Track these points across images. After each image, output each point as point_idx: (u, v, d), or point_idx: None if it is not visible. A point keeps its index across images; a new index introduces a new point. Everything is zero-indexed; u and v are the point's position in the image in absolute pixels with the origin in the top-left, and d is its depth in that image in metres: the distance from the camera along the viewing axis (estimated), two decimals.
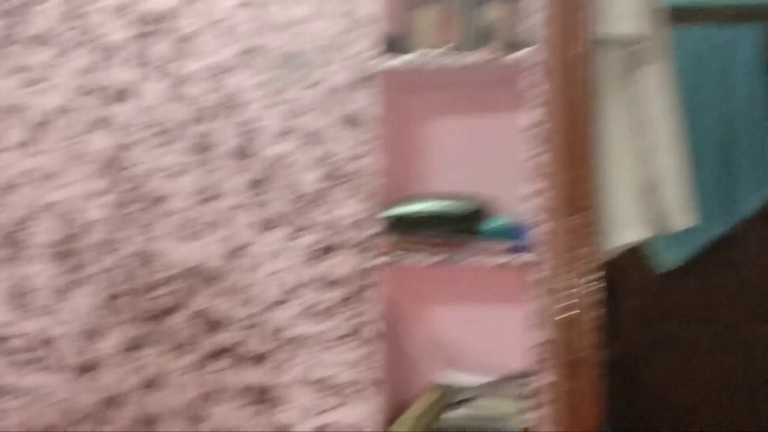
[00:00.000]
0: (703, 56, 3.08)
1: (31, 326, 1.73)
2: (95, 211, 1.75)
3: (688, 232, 2.36)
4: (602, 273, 1.78)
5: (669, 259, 3.00)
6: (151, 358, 1.70)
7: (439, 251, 1.70)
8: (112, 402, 1.67)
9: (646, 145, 1.90)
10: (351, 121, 1.75)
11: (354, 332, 1.69)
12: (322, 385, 1.69)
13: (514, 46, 1.72)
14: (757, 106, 2.98)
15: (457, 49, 1.76)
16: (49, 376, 1.71)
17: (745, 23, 3.06)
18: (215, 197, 1.74)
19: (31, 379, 1.70)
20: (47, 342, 1.72)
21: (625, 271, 3.05)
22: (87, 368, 1.71)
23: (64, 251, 1.75)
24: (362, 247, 1.71)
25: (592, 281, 1.76)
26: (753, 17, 3.07)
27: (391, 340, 1.77)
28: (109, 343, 1.70)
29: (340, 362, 1.70)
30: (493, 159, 1.89)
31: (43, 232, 1.76)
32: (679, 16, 2.51)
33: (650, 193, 1.89)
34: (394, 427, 1.67)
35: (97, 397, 1.68)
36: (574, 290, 1.77)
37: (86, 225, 1.75)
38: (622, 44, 1.84)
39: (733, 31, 3.04)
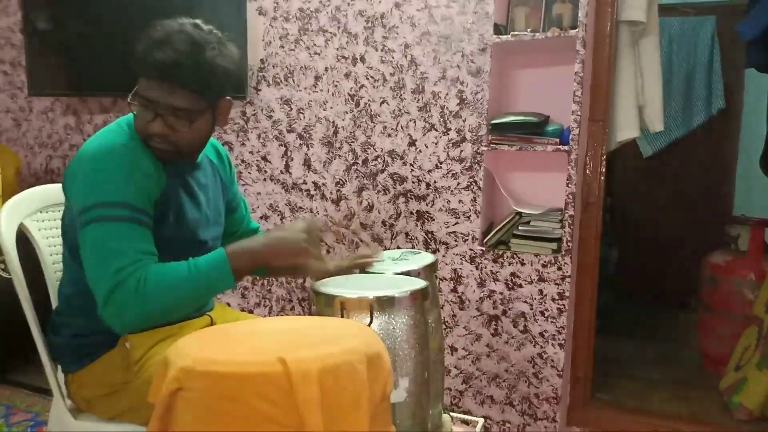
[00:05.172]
0: (677, 34, 3.68)
1: (312, 177, 2.36)
2: (343, 121, 2.26)
3: (660, 134, 3.25)
4: (607, 156, 2.07)
5: (648, 149, 3.78)
6: (368, 195, 2.29)
7: (520, 143, 1.98)
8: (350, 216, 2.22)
9: (640, 84, 2.25)
10: (475, 71, 2.06)
11: (471, 185, 2.12)
12: (452, 212, 2.18)
13: (569, 27, 1.97)
14: (707, 66, 3.67)
15: (536, 30, 2.02)
16: (320, 203, 2.36)
17: (704, 16, 3.71)
18: (403, 114, 2.22)
19: (313, 204, 2.28)
20: (318, 186, 2.33)
21: (621, 155, 3.79)
22: (338, 200, 2.35)
23: (328, 141, 2.31)
24: (477, 141, 2.09)
25: (603, 159, 2.05)
26: (709, 12, 3.73)
27: (489, 190, 2.16)
28: (348, 188, 2.33)
29: (462, 200, 2.15)
30: (553, 92, 2.07)
31: (318, 131, 2.30)
32: (664, 9, 3.21)
33: (640, 110, 2.28)
34: (491, 235, 2.04)
35: (343, 214, 2.30)
36: (591, 164, 2.05)
37: (338, 128, 2.24)
38: (631, 25, 2.13)
39: (695, 19, 3.70)
